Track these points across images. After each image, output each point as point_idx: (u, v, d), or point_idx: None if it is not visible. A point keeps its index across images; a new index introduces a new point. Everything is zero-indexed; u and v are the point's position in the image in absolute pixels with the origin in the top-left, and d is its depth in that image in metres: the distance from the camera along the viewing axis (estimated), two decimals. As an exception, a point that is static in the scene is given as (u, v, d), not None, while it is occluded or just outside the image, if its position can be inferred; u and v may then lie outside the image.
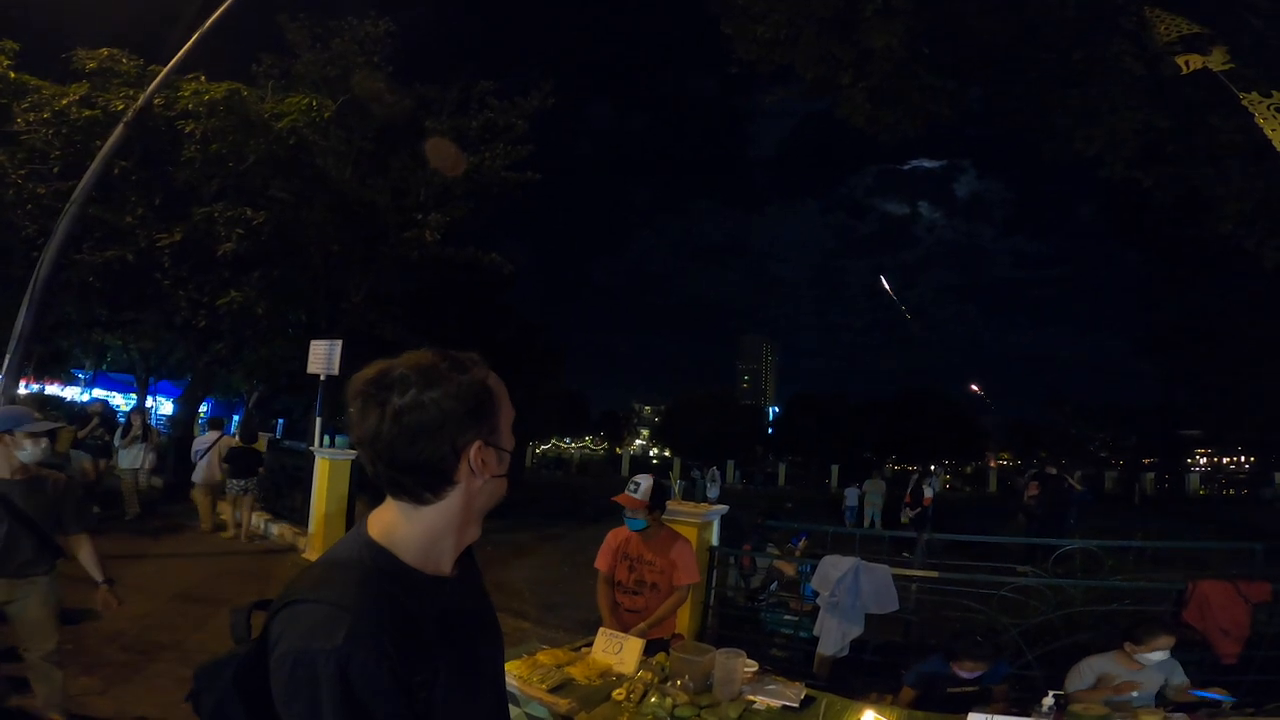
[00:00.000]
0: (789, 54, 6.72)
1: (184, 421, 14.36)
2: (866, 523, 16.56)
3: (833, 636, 4.09)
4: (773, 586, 5.11)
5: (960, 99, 8.18)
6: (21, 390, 21.15)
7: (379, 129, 12.09)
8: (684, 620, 4.61)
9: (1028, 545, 5.89)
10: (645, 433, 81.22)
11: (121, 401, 25.77)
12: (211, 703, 0.94)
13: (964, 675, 3.21)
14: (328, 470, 8.23)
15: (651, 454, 59.08)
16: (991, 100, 8.94)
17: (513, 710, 2.77)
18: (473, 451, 0.96)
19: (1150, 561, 6.58)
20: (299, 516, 9.06)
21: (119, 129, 6.60)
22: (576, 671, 2.78)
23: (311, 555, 8.02)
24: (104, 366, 26.42)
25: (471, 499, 1.00)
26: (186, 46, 6.30)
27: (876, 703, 3.21)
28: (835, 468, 33.43)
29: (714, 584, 4.78)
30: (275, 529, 9.34)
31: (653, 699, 2.57)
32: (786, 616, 4.69)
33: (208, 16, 7.22)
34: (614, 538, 3.58)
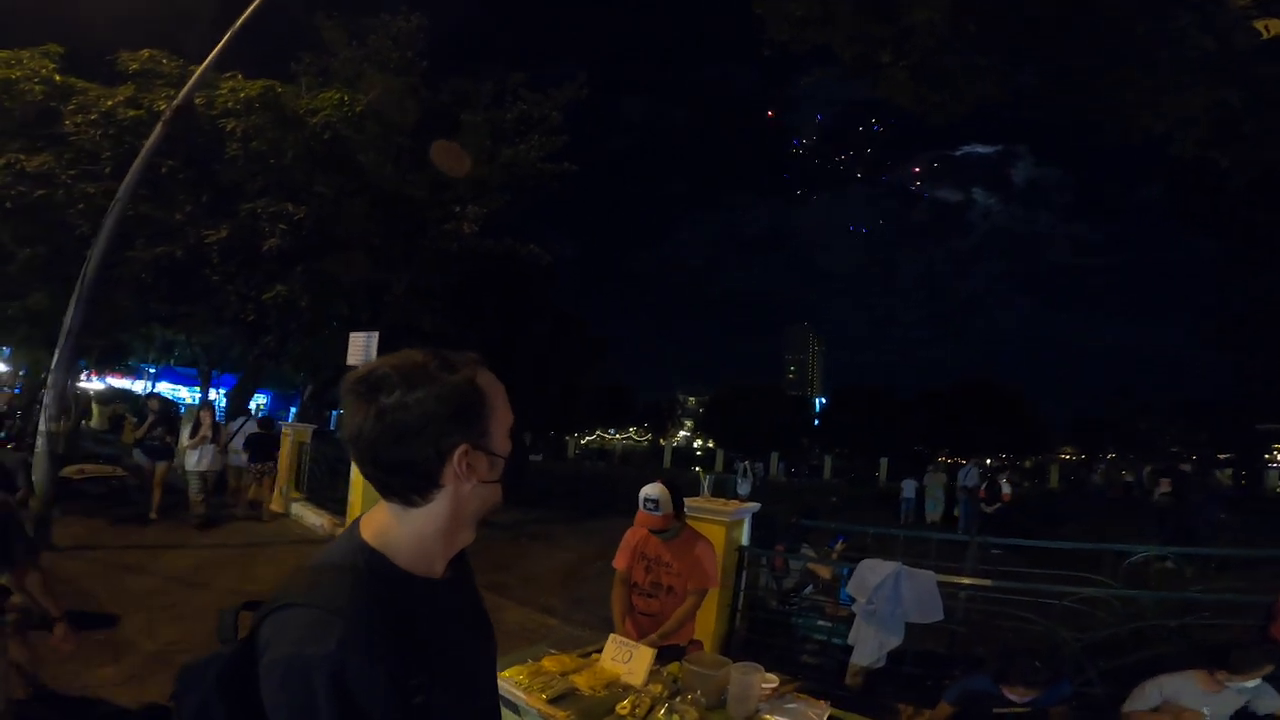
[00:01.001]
0: (824, 33, 6.42)
1: (236, 414, 14.87)
2: (928, 518, 15.93)
3: (869, 646, 3.83)
4: (807, 590, 4.86)
5: (1010, 78, 7.71)
6: (87, 383, 22.39)
7: (417, 123, 12.20)
8: (710, 623, 4.42)
9: (1094, 550, 5.43)
10: (689, 424, 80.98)
11: (186, 394, 27.05)
12: (194, 704, 0.92)
13: (1014, 699, 2.92)
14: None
15: (695, 445, 58.81)
16: (1047, 80, 8.44)
17: (511, 718, 2.63)
18: (457, 455, 0.93)
19: (1226, 569, 6.00)
20: (341, 507, 9.22)
21: (158, 128, 6.75)
22: (581, 681, 2.63)
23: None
24: (170, 360, 27.73)
25: (461, 504, 0.96)
26: (220, 46, 6.38)
27: (913, 718, 2.97)
28: (884, 461, 32.55)
29: (743, 586, 4.57)
30: (317, 519, 9.53)
31: (659, 714, 2.39)
32: (820, 622, 4.44)
33: (251, 12, 7.35)
34: (633, 535, 3.39)
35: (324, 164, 10.28)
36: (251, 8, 6.32)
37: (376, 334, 9.61)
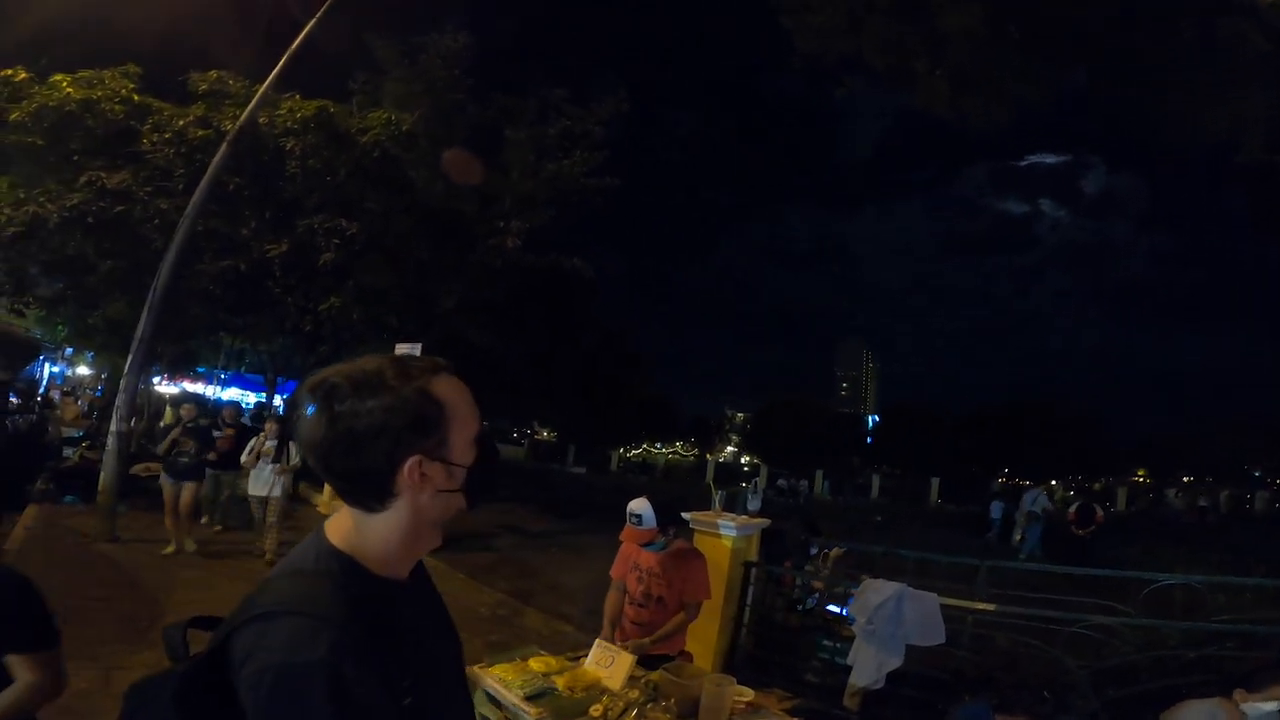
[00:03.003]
0: (852, 42, 6.42)
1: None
2: (1017, 539, 14.97)
3: (868, 667, 3.79)
4: (811, 602, 4.82)
5: (1054, 83, 7.52)
6: (162, 387, 23.82)
7: (463, 140, 12.69)
8: (712, 638, 4.45)
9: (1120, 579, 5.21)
10: (737, 439, 79.99)
11: (254, 399, 28.43)
12: None
13: None
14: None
15: (743, 461, 58.10)
16: (1097, 85, 8.19)
17: (495, 713, 2.75)
18: (407, 467, 0.91)
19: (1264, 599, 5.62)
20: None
21: (224, 147, 7.27)
22: (562, 682, 2.73)
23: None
24: (241, 367, 29.25)
25: (420, 512, 0.95)
26: (276, 70, 6.88)
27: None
28: (935, 480, 31.48)
29: (749, 601, 4.58)
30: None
31: (630, 718, 2.48)
32: (825, 641, 4.41)
33: (303, 38, 7.88)
34: (628, 546, 3.50)
35: (375, 181, 10.81)
36: (304, 32, 6.79)
37: (419, 345, 10.02)
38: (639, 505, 3.20)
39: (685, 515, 4.78)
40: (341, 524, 0.97)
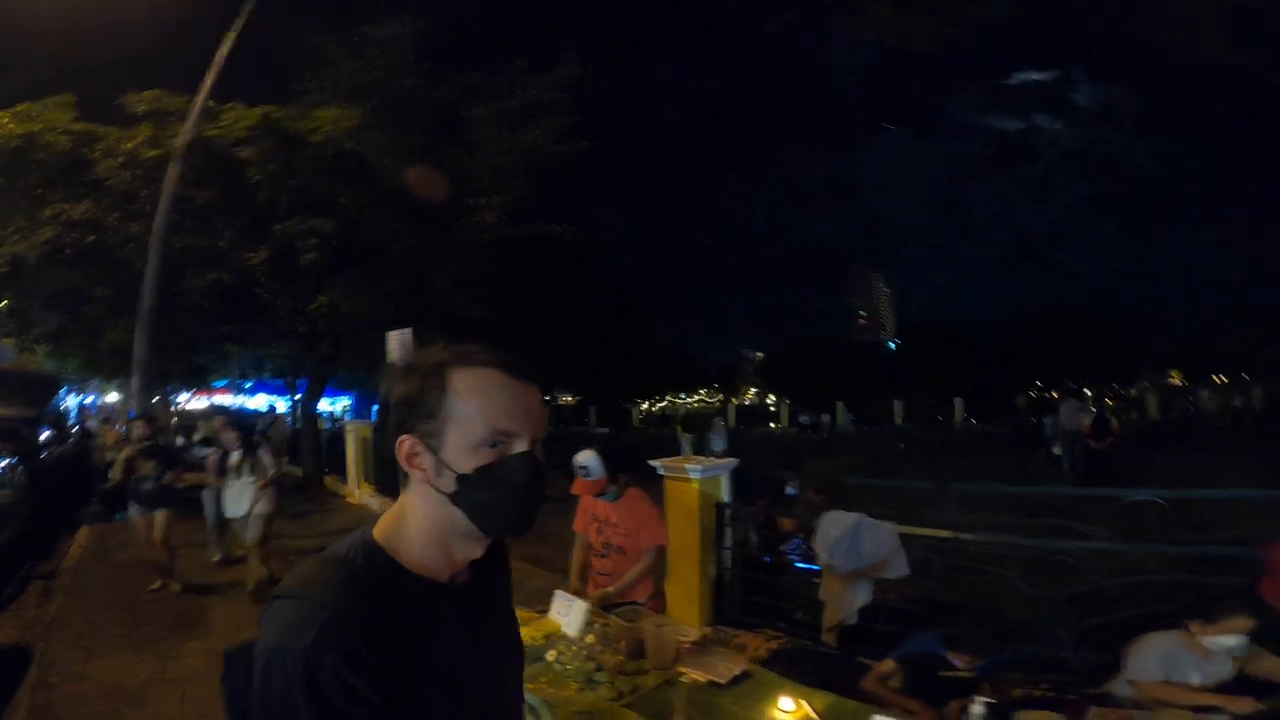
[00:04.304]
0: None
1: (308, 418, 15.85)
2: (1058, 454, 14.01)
3: (837, 603, 3.85)
4: (796, 543, 4.83)
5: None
6: (189, 402, 24.36)
7: (427, 124, 12.51)
8: (694, 583, 4.52)
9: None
10: (762, 381, 79.87)
11: (281, 403, 28.98)
12: (229, 688, 0.97)
13: (959, 665, 2.90)
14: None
15: (769, 402, 58.26)
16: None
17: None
18: (400, 444, 0.92)
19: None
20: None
21: (172, 166, 7.25)
22: (526, 632, 2.83)
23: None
24: (264, 373, 29.79)
25: (431, 507, 0.92)
26: (207, 83, 6.81)
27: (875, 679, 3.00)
28: (959, 401, 31.18)
29: (728, 544, 4.63)
30: (378, 504, 10.27)
31: (579, 662, 2.57)
32: (814, 580, 4.42)
33: (241, 48, 7.74)
34: (585, 498, 3.52)
35: (341, 177, 10.75)
36: (229, 41, 6.67)
37: (409, 330, 10.11)
38: (584, 457, 3.24)
39: (654, 462, 4.81)
40: (387, 516, 0.97)
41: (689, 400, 68.46)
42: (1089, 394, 34.11)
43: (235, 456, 6.02)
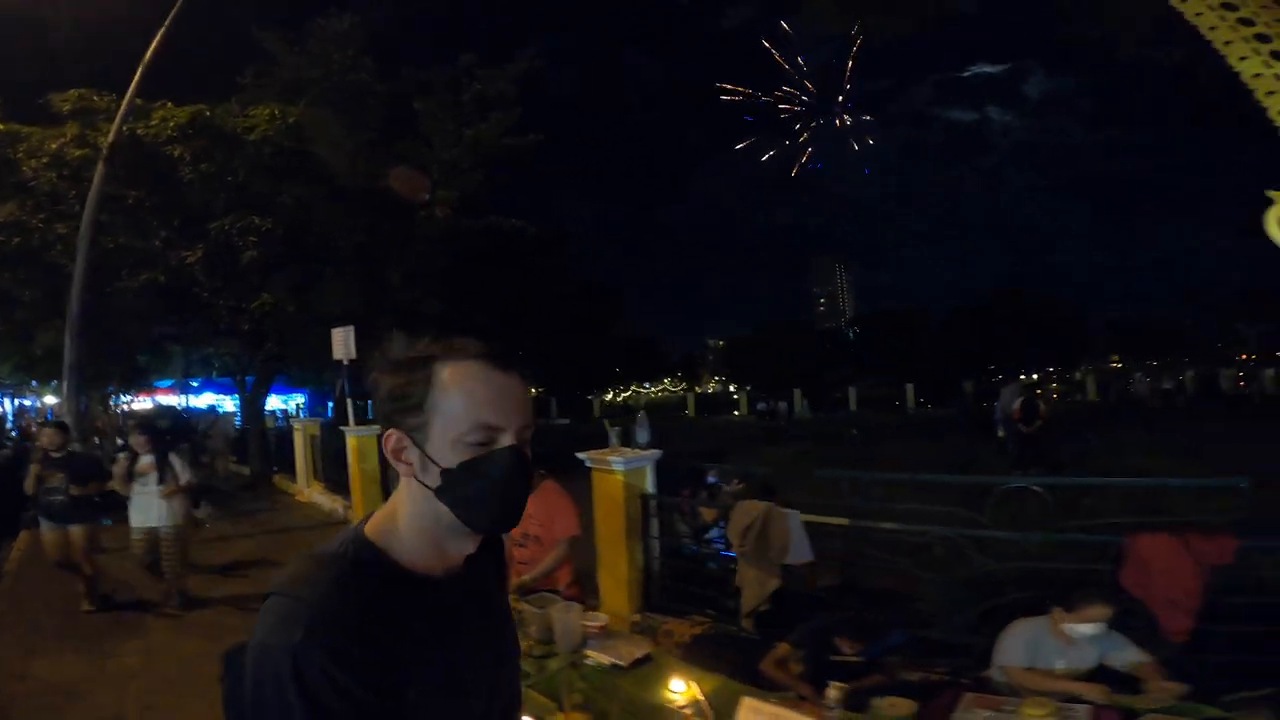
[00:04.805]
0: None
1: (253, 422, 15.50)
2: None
3: (751, 589, 4.06)
4: (714, 532, 5.04)
5: None
6: (132, 402, 23.54)
7: (376, 119, 12.35)
8: (622, 571, 4.68)
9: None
10: (726, 369, 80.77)
11: (229, 402, 28.18)
12: (227, 688, 0.97)
13: (845, 650, 3.05)
14: (356, 446, 8.90)
15: (732, 390, 59.00)
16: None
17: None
18: (386, 438, 0.92)
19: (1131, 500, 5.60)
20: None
21: (100, 163, 7.08)
22: None
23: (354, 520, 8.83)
24: (212, 373, 28.92)
25: (418, 499, 0.92)
26: (135, 82, 6.65)
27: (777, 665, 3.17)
28: (909, 387, 32.04)
29: (654, 533, 4.80)
30: (328, 502, 10.20)
31: None
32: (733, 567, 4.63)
33: (172, 46, 7.55)
34: None
35: (283, 175, 10.57)
36: (158, 38, 6.53)
37: (352, 327, 10.03)
38: None
39: (581, 454, 4.94)
40: (379, 513, 0.97)
41: (652, 390, 68.77)
42: (1034, 378, 35.33)
43: (144, 461, 5.48)
